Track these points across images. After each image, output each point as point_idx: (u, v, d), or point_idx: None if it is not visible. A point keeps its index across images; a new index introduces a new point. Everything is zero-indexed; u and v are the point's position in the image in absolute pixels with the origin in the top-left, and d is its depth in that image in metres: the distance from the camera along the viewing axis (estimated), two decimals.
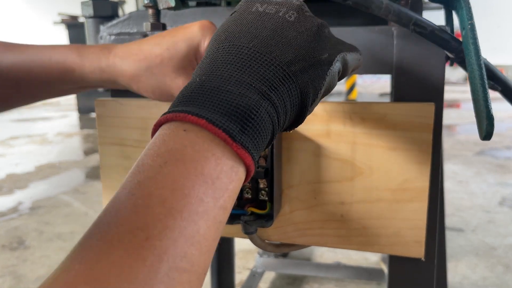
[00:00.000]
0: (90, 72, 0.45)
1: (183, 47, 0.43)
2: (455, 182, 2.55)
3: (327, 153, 0.48)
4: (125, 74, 0.44)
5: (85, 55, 0.44)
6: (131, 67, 0.44)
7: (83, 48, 0.45)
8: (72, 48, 0.45)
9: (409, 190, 0.46)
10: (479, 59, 0.39)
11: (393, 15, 0.40)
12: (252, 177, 0.47)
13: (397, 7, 0.39)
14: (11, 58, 0.44)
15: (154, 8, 0.54)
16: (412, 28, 0.40)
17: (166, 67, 0.44)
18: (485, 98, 0.37)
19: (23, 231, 2.05)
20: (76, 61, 0.44)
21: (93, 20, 0.70)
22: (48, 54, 0.44)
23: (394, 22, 0.41)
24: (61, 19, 5.10)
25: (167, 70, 0.44)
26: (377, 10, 0.39)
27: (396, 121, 0.45)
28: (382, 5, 0.39)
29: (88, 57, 0.44)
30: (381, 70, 0.48)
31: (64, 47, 0.46)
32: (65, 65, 0.44)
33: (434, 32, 0.41)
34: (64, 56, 0.44)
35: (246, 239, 0.52)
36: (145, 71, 0.44)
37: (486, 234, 1.89)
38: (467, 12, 0.41)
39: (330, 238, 0.50)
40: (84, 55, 0.44)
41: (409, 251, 0.47)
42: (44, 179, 2.83)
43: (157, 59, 0.43)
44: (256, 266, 1.55)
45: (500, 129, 3.85)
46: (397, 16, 0.40)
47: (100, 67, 0.44)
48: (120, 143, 0.55)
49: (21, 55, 0.44)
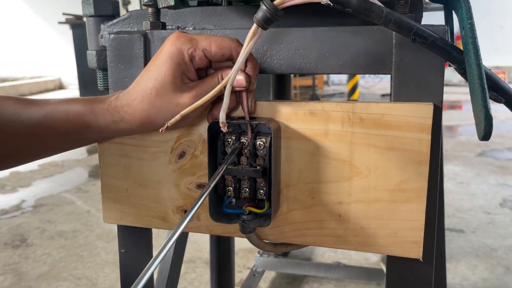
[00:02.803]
0: (105, 127, 0.47)
1: (166, 68, 0.44)
2: (456, 183, 2.54)
3: (325, 152, 0.48)
4: (136, 119, 0.46)
5: (97, 112, 0.47)
6: (137, 111, 0.45)
7: (95, 104, 0.47)
8: (86, 103, 0.47)
9: (407, 191, 0.46)
10: (478, 58, 0.39)
11: (393, 24, 0.39)
12: (250, 176, 0.47)
13: (398, 16, 0.39)
14: (31, 115, 0.47)
15: (154, 7, 0.55)
16: (413, 38, 0.40)
17: (165, 94, 0.44)
18: (483, 98, 0.37)
19: (25, 229, 2.06)
20: (90, 118, 0.47)
21: (94, 19, 0.70)
22: (64, 110, 0.47)
23: (395, 32, 0.40)
24: (65, 19, 5.12)
25: (168, 97, 0.44)
26: (377, 19, 0.39)
27: (394, 121, 0.45)
28: (382, 14, 0.39)
29: (100, 113, 0.47)
30: (380, 70, 0.48)
31: (79, 102, 0.48)
32: (81, 121, 0.47)
33: (436, 42, 0.40)
34: (78, 113, 0.47)
35: (245, 238, 0.52)
36: (150, 109, 0.45)
37: (486, 235, 1.88)
38: (467, 12, 0.41)
39: (328, 238, 0.50)
40: (97, 112, 0.47)
41: (407, 251, 0.47)
42: (47, 177, 2.84)
43: (153, 92, 0.44)
44: (256, 266, 1.55)
45: (502, 130, 3.84)
46: (397, 25, 0.39)
47: (114, 120, 0.47)
48: (119, 141, 0.55)
49: (41, 110, 0.47)
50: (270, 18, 0.40)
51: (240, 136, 0.47)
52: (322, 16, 0.56)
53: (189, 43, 0.44)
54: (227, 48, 0.44)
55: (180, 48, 0.44)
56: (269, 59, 0.51)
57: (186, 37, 0.44)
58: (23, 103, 0.48)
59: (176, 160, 0.53)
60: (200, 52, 0.44)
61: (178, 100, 0.45)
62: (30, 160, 0.52)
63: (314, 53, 0.49)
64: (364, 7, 0.39)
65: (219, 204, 0.50)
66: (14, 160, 0.51)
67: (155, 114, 0.45)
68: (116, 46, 0.55)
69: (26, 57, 8.22)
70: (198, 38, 0.45)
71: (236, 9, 0.60)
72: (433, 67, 0.45)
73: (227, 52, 0.45)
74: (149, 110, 0.45)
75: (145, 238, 0.61)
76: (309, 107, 0.47)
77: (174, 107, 0.45)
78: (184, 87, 0.45)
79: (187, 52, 0.44)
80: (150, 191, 0.55)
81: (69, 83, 8.00)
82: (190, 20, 0.62)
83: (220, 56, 0.45)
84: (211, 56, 0.45)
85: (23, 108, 0.47)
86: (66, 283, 1.60)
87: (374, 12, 0.39)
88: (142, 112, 0.45)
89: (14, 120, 0.47)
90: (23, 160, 0.51)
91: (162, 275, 0.90)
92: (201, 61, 0.45)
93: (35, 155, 0.51)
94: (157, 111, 0.45)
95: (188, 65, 0.45)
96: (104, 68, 0.69)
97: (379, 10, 0.39)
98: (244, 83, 0.45)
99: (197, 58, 0.44)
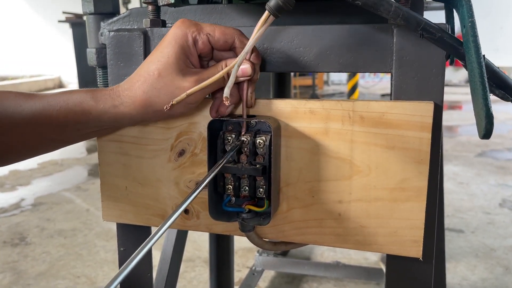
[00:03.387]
0: (104, 113, 0.47)
1: (170, 50, 0.44)
2: (456, 183, 2.54)
3: (325, 151, 0.48)
4: (136, 102, 0.46)
5: (98, 97, 0.47)
6: (137, 93, 0.45)
7: (96, 91, 0.48)
8: (87, 92, 0.48)
9: (407, 190, 0.46)
10: (479, 57, 0.39)
11: (401, 18, 0.39)
12: (250, 175, 0.47)
13: (406, 11, 0.39)
14: (32, 106, 0.47)
15: (154, 5, 0.54)
16: (421, 33, 0.40)
17: (167, 75, 0.45)
18: (484, 97, 0.37)
19: (24, 227, 2.06)
20: (91, 103, 0.47)
21: (93, 17, 0.69)
22: (64, 99, 0.47)
23: (403, 26, 0.40)
24: (65, 17, 5.12)
25: (169, 78, 0.45)
26: (386, 12, 0.39)
27: (394, 120, 0.45)
28: (391, 8, 0.39)
29: (101, 98, 0.47)
30: (381, 69, 0.48)
31: (80, 91, 0.48)
32: (81, 108, 0.47)
33: (444, 38, 0.40)
34: (79, 100, 0.47)
35: (245, 237, 0.52)
36: (151, 90, 0.45)
37: (486, 236, 1.88)
38: (468, 10, 0.41)
39: (328, 237, 0.50)
40: (98, 97, 0.47)
41: (407, 250, 0.47)
42: (47, 176, 2.84)
43: (155, 73, 0.45)
44: (256, 265, 1.55)
45: (502, 130, 3.84)
46: (405, 20, 0.39)
47: (114, 104, 0.47)
48: (118, 139, 0.55)
49: (40, 102, 0.47)
50: (282, 7, 0.40)
51: (240, 134, 0.47)
52: (322, 15, 0.56)
53: (194, 26, 0.45)
54: (230, 35, 0.45)
55: (185, 30, 0.45)
56: (270, 57, 0.51)
57: (191, 22, 0.45)
58: (24, 96, 0.48)
59: (175, 158, 0.53)
60: (204, 36, 0.45)
61: (180, 83, 0.45)
62: (30, 154, 0.51)
63: (314, 51, 0.49)
64: (373, 1, 0.39)
65: (218, 202, 0.50)
66: (15, 155, 0.51)
67: (155, 96, 0.45)
68: (115, 43, 0.54)
69: (26, 55, 8.21)
70: (203, 24, 0.46)
71: (237, 7, 0.60)
72: (434, 66, 0.45)
73: (230, 39, 0.45)
74: (150, 91, 0.45)
75: (144, 236, 0.61)
76: (309, 105, 0.47)
77: (174, 89, 0.45)
78: (186, 71, 0.45)
79: (191, 35, 0.45)
80: (149, 189, 0.55)
81: (69, 82, 7.99)
82: (190, 18, 0.62)
83: (223, 43, 0.45)
84: (214, 41, 0.45)
85: (24, 100, 0.48)
86: (65, 281, 1.59)
87: (383, 6, 0.39)
88: (143, 94, 0.45)
89: (15, 112, 0.47)
90: (25, 154, 0.51)
91: (161, 273, 0.90)
92: (204, 45, 0.45)
93: (34, 149, 0.51)
94: (157, 93, 0.45)
95: (192, 49, 0.45)
96: (104, 66, 0.69)
97: (388, 4, 0.39)
98: (250, 71, 0.45)
99: (200, 42, 0.45)
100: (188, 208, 0.54)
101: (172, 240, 0.92)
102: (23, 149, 0.50)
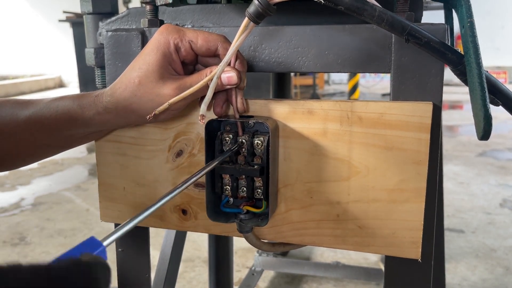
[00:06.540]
0: (89, 119, 0.48)
1: (151, 57, 0.44)
2: (456, 183, 2.54)
3: (323, 152, 0.47)
4: (118, 109, 0.46)
5: (84, 104, 0.48)
6: (119, 100, 0.46)
7: (83, 98, 0.48)
8: (75, 99, 0.49)
9: (405, 191, 0.46)
10: (478, 57, 0.38)
11: (386, 23, 0.38)
12: (248, 176, 0.47)
13: (391, 16, 0.38)
14: (26, 113, 0.49)
15: (152, 5, 0.54)
16: (406, 38, 0.39)
17: (147, 83, 0.45)
18: (483, 98, 0.37)
19: (24, 227, 2.06)
20: (77, 111, 0.48)
21: (92, 16, 0.69)
22: (54, 106, 0.48)
23: (388, 31, 0.40)
24: (66, 17, 5.11)
25: (150, 86, 0.45)
26: (370, 17, 0.38)
27: (393, 121, 0.45)
28: (375, 13, 0.38)
29: (86, 106, 0.48)
30: (379, 69, 0.47)
31: (69, 98, 0.49)
32: (68, 115, 0.48)
33: (430, 43, 0.40)
34: (67, 107, 0.48)
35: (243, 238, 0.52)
36: (132, 97, 0.45)
37: (486, 236, 1.88)
38: (467, 10, 0.41)
39: (326, 238, 0.49)
40: (83, 105, 0.48)
41: (406, 252, 0.47)
42: (47, 175, 2.84)
43: (136, 80, 0.45)
44: (255, 265, 1.55)
45: (502, 130, 3.83)
46: (390, 25, 0.38)
47: (97, 111, 0.47)
48: (116, 140, 0.55)
49: (34, 109, 0.49)
50: (262, 13, 0.40)
51: (237, 135, 0.47)
52: (320, 15, 0.56)
53: (176, 33, 0.45)
54: (213, 42, 0.45)
55: (167, 37, 0.44)
56: (268, 57, 0.51)
57: (174, 28, 0.45)
58: (20, 103, 0.49)
59: (173, 158, 0.53)
60: (186, 43, 0.45)
61: (160, 90, 0.44)
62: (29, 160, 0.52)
63: (312, 52, 0.49)
64: (356, 6, 0.38)
65: (216, 203, 0.49)
66: (13, 161, 0.52)
67: (136, 104, 0.45)
68: (113, 43, 0.54)
69: (26, 55, 8.22)
70: (186, 30, 0.45)
71: (235, 7, 0.59)
72: (433, 66, 0.45)
73: (213, 46, 0.45)
74: (131, 98, 0.45)
75: (142, 237, 0.60)
76: (308, 106, 0.47)
77: (154, 96, 0.45)
78: (168, 78, 0.45)
79: (173, 42, 0.44)
80: (147, 189, 0.55)
81: (70, 81, 8.00)
82: (189, 18, 0.62)
83: (206, 50, 0.45)
84: (197, 48, 0.45)
85: (20, 108, 0.49)
86: None
87: (367, 11, 0.38)
88: (124, 101, 0.45)
89: (12, 120, 0.48)
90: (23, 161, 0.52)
91: (160, 273, 0.90)
92: (187, 53, 0.45)
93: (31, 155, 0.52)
94: (139, 100, 0.45)
95: (174, 56, 0.45)
96: (102, 66, 0.69)
97: (372, 8, 0.38)
98: (236, 79, 0.44)
99: (183, 49, 0.45)
100: (186, 209, 0.54)
101: (171, 241, 0.92)
102: (20, 156, 0.51)
